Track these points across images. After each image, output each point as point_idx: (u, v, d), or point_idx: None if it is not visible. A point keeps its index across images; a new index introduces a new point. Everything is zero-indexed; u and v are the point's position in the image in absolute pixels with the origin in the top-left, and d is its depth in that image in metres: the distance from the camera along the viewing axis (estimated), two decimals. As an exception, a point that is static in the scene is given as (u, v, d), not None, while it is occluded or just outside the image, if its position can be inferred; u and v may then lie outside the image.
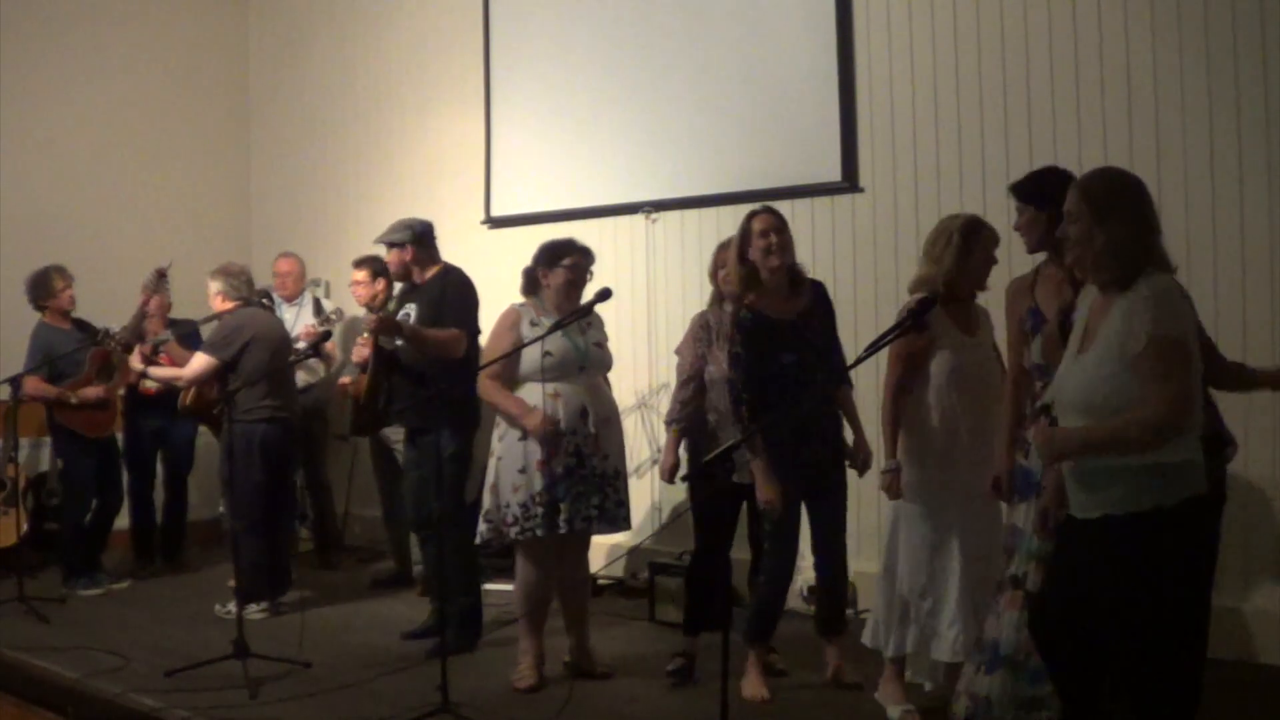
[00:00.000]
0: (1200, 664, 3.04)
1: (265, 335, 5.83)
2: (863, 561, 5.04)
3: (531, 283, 4.68)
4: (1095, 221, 2.82)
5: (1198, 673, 3.01)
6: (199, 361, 5.79)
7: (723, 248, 4.66)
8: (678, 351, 4.80)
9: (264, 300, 6.45)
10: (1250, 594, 4.66)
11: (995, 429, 3.84)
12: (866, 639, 4.12)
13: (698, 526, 4.69)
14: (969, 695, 3.63)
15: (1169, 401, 2.68)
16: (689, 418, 4.62)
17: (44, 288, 6.38)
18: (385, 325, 5.01)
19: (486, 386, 4.53)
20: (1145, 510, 2.75)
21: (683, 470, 4.83)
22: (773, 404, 4.15)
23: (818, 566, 4.37)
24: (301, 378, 6.65)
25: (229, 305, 5.93)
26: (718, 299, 4.72)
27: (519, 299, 4.73)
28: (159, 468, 7.07)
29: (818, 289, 4.39)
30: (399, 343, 5.05)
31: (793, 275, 4.31)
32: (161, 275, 6.27)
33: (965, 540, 3.85)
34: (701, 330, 4.64)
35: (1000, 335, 4.02)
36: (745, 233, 4.27)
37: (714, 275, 4.74)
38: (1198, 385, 2.80)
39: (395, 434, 5.93)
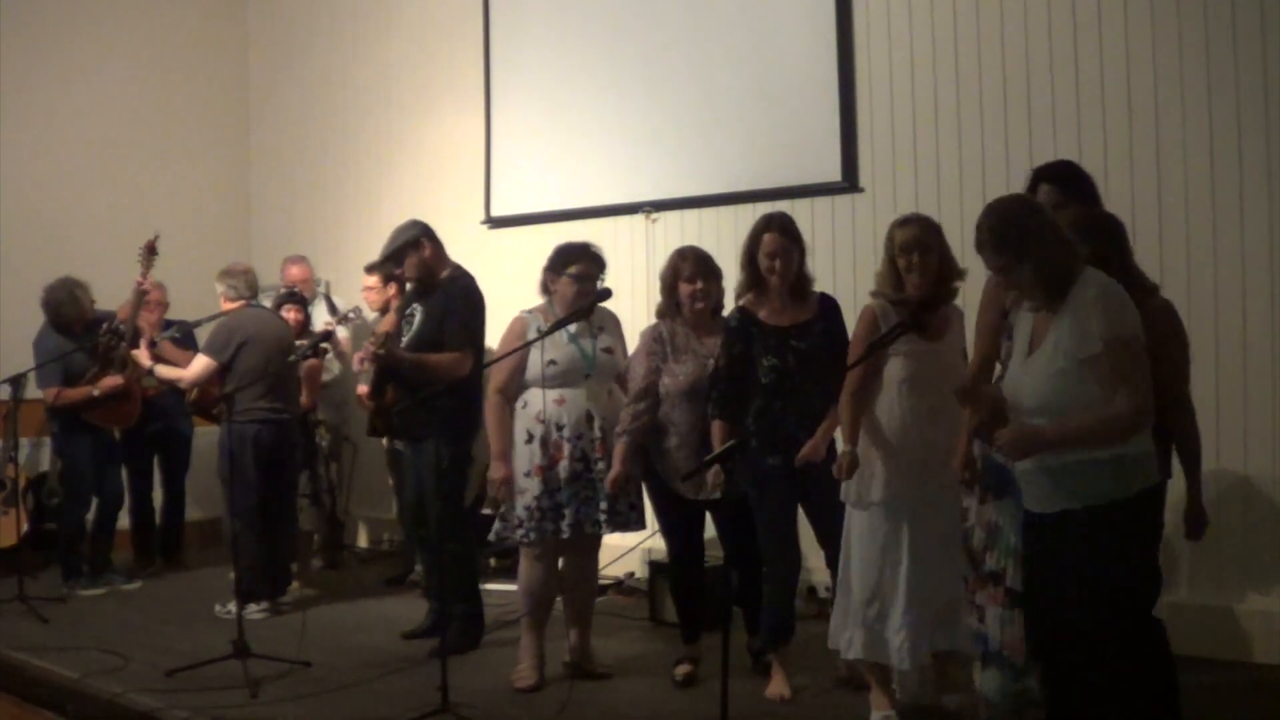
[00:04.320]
0: (1169, 663, 3.06)
1: (260, 336, 5.83)
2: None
3: (546, 284, 4.65)
4: (1017, 259, 2.93)
5: (1168, 658, 3.04)
6: (199, 363, 5.84)
7: (686, 258, 4.54)
8: (627, 366, 4.64)
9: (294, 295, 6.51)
10: (1250, 594, 4.65)
11: (955, 436, 3.80)
12: (831, 642, 4.08)
13: (668, 539, 4.68)
14: (969, 693, 3.68)
15: (1135, 399, 2.80)
16: (639, 431, 4.48)
17: (70, 307, 6.32)
18: (386, 361, 4.94)
19: (489, 405, 4.54)
20: (1102, 504, 2.84)
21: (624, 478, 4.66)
22: (749, 405, 4.20)
23: (830, 562, 4.36)
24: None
25: (230, 306, 5.97)
26: (670, 310, 4.58)
27: (517, 298, 4.72)
28: (156, 468, 7.09)
29: (826, 304, 4.36)
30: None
31: (796, 286, 4.29)
32: (151, 250, 6.24)
33: (914, 548, 3.82)
34: (655, 344, 4.53)
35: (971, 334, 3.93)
36: (756, 239, 4.28)
37: (673, 286, 4.54)
38: (1150, 377, 2.87)
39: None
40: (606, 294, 4.51)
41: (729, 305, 4.60)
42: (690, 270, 4.51)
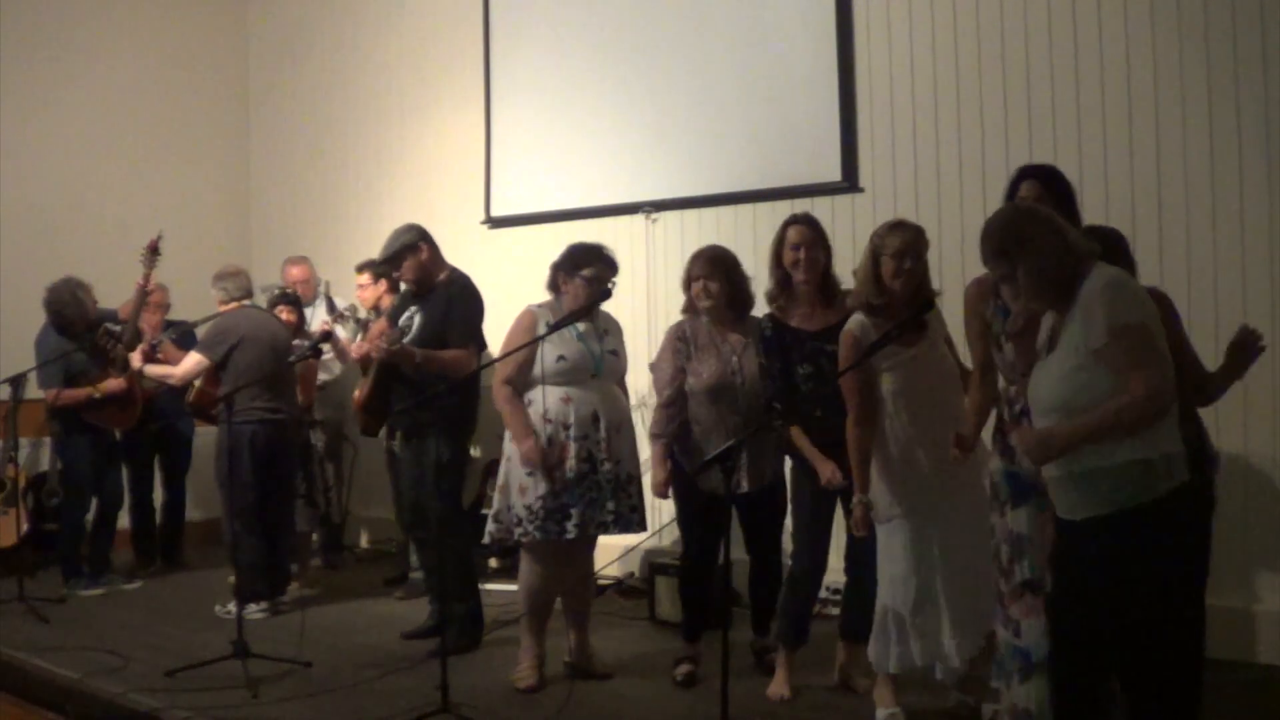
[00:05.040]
0: (1198, 661, 3.04)
1: (255, 336, 5.83)
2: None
3: (555, 283, 4.63)
4: (1012, 265, 2.93)
5: (1196, 670, 3.01)
6: (190, 361, 5.84)
7: (696, 258, 4.60)
8: (653, 367, 4.68)
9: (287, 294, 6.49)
10: (1250, 594, 4.65)
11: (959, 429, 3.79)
12: (871, 656, 4.05)
13: (686, 533, 4.69)
14: (1010, 712, 3.60)
15: (1148, 385, 2.74)
16: (673, 432, 4.55)
17: (73, 307, 6.28)
18: (397, 357, 4.89)
19: (499, 395, 4.51)
20: (1129, 508, 2.79)
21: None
22: (791, 414, 4.19)
23: (848, 570, 4.36)
24: (319, 377, 6.67)
25: (226, 308, 5.99)
26: (691, 308, 4.64)
27: (517, 299, 4.71)
28: (157, 468, 7.09)
29: None
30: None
31: (825, 287, 4.30)
32: (154, 250, 6.24)
33: (946, 553, 3.83)
34: (679, 343, 4.57)
35: (958, 335, 3.93)
36: (781, 239, 4.30)
37: (687, 286, 4.62)
38: (1170, 366, 2.83)
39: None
40: (607, 294, 4.50)
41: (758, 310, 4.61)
42: (696, 270, 4.56)
